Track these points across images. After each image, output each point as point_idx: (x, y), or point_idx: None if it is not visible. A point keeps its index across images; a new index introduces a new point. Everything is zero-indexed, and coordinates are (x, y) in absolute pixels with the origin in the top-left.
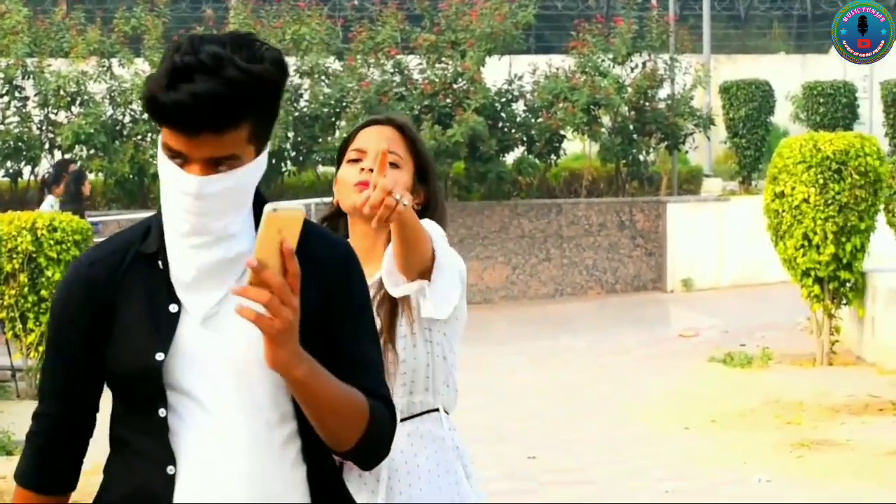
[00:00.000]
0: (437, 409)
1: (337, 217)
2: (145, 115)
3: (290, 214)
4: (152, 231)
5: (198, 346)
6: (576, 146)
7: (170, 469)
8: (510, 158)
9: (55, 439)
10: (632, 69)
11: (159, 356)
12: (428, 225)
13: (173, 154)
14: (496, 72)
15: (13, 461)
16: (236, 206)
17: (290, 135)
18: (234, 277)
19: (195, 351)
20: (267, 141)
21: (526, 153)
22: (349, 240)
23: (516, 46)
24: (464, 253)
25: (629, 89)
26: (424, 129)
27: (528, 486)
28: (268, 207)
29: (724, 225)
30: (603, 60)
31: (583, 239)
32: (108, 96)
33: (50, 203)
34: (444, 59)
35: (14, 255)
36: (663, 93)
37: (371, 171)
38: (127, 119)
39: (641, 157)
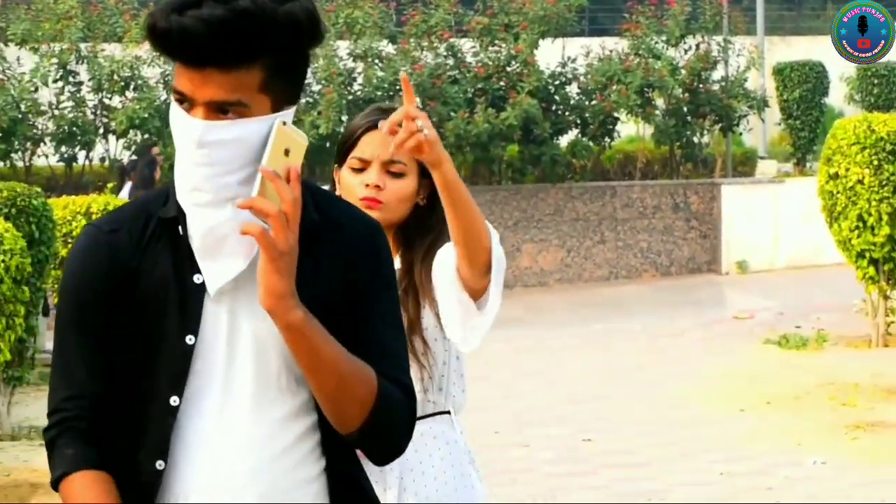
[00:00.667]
0: (448, 412)
1: None
2: None
3: (298, 136)
4: (171, 195)
5: (220, 325)
6: (630, 128)
7: (159, 464)
8: (564, 141)
9: (100, 420)
10: (685, 51)
11: (189, 339)
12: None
13: (180, 98)
14: (549, 54)
15: None
16: (245, 162)
17: (344, 118)
18: (253, 249)
19: (217, 330)
20: (287, 102)
21: (580, 136)
22: None
23: (569, 29)
24: (519, 236)
25: (683, 71)
26: (478, 112)
27: (583, 468)
28: (279, 120)
29: (779, 207)
30: (656, 42)
31: (637, 221)
32: (161, 80)
33: (129, 190)
34: (497, 42)
35: (69, 240)
36: (717, 75)
37: (377, 187)
38: None
39: (695, 140)
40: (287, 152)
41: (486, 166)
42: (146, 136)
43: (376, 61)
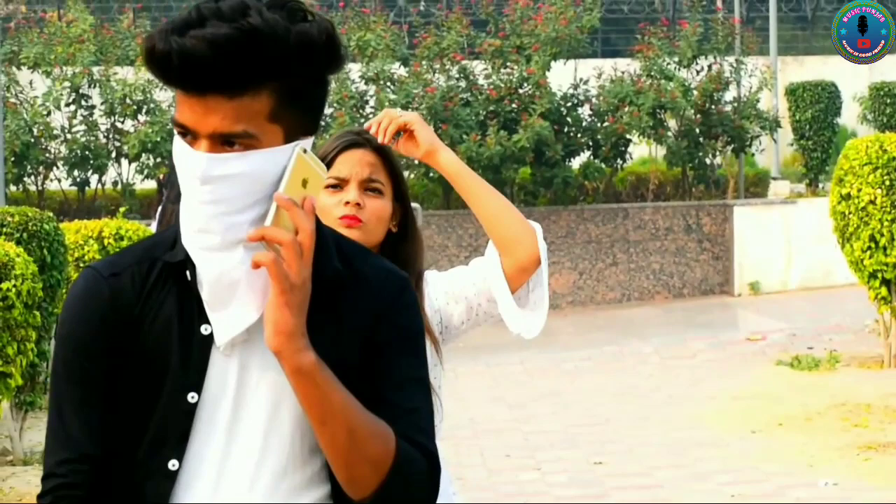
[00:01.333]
0: None
1: None
2: None
3: (318, 168)
4: (179, 237)
5: (228, 382)
6: (642, 150)
7: None
8: (576, 163)
9: (97, 487)
10: (697, 72)
11: (192, 397)
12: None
13: (183, 130)
14: (561, 76)
15: None
16: (255, 199)
17: None
18: (266, 299)
19: (224, 387)
20: (303, 132)
21: (592, 158)
22: None
23: (581, 50)
24: None
25: (695, 92)
26: (490, 134)
27: (595, 491)
28: (300, 147)
29: (791, 228)
30: (668, 64)
31: (649, 243)
32: (173, 104)
33: (163, 203)
34: (509, 63)
35: (81, 264)
36: (729, 95)
37: (357, 205)
38: None
39: (708, 161)
40: (305, 183)
41: (498, 189)
42: (158, 159)
43: (388, 84)
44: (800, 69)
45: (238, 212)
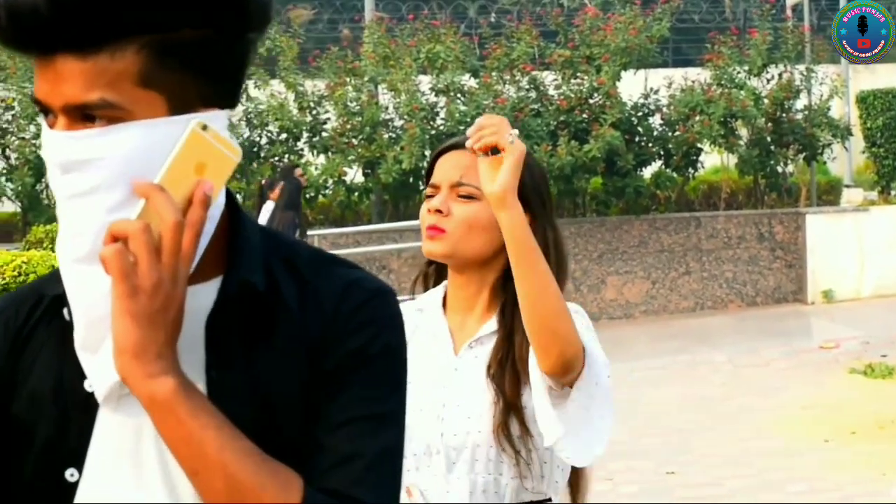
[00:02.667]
0: (548, 499)
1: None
2: (282, 137)
3: (223, 148)
4: None
5: (121, 450)
6: (714, 159)
7: None
8: (648, 172)
9: None
10: (768, 80)
11: (71, 475)
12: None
13: (41, 108)
14: (632, 86)
15: None
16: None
17: (427, 153)
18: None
19: (116, 457)
20: (202, 103)
21: (663, 167)
22: (447, 288)
23: (651, 60)
24: (603, 268)
25: (765, 101)
26: (561, 144)
27: (665, 500)
28: (195, 122)
29: (864, 235)
30: (738, 72)
31: (722, 252)
32: (244, 118)
33: (269, 209)
34: (579, 74)
35: None
36: (800, 104)
37: (439, 211)
38: (264, 140)
39: (779, 169)
40: (202, 168)
41: (570, 199)
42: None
43: (458, 95)
44: (871, 77)
45: (112, 208)
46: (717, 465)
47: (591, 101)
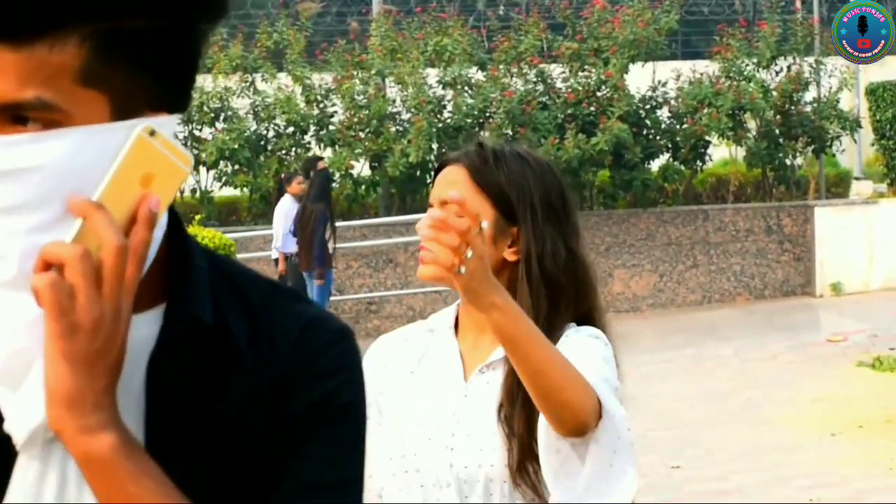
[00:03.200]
0: None
1: None
2: (289, 130)
3: (173, 157)
4: None
5: (42, 497)
6: (722, 151)
7: None
8: (655, 165)
9: None
10: (776, 73)
11: None
12: (588, 349)
13: None
14: (640, 78)
15: None
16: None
17: (434, 146)
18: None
19: None
20: (149, 106)
21: (671, 160)
22: (459, 306)
23: (659, 53)
24: (611, 261)
25: (774, 93)
26: (568, 137)
27: (673, 495)
28: (142, 127)
29: (873, 228)
30: (747, 65)
31: (730, 245)
32: (251, 111)
33: (287, 203)
34: (586, 66)
35: None
36: (809, 96)
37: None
38: (271, 134)
39: (788, 162)
40: (148, 180)
41: (578, 192)
42: (236, 166)
43: (466, 88)
44: (881, 69)
45: (43, 227)
46: (723, 459)
47: (598, 94)
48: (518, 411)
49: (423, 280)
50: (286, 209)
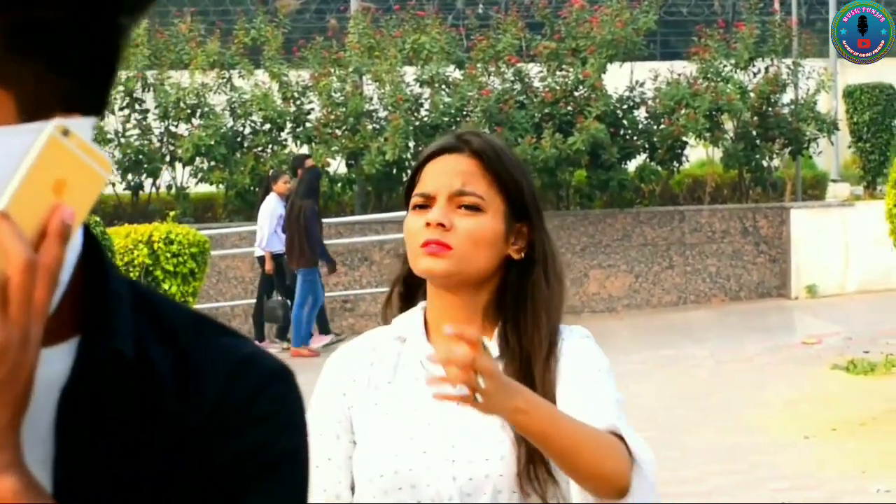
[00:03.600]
0: None
1: (412, 278)
2: (265, 127)
3: (89, 159)
4: None
5: None
6: (699, 153)
7: None
8: (632, 166)
9: None
10: (754, 74)
11: None
12: (589, 361)
13: None
14: (617, 78)
15: None
16: None
17: (411, 144)
18: None
19: None
20: (64, 105)
21: (648, 160)
22: (426, 310)
23: (637, 53)
24: (586, 261)
25: (752, 95)
26: (545, 137)
27: None
28: (54, 125)
29: (849, 230)
30: (725, 66)
31: (706, 246)
32: (228, 108)
33: (272, 202)
34: (564, 66)
35: (130, 269)
36: (787, 98)
37: (441, 225)
38: (247, 130)
39: (765, 163)
40: (61, 187)
41: (554, 192)
42: (212, 162)
43: (443, 87)
44: (858, 71)
45: None
46: (697, 461)
47: (576, 94)
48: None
49: (426, 275)
50: (271, 208)
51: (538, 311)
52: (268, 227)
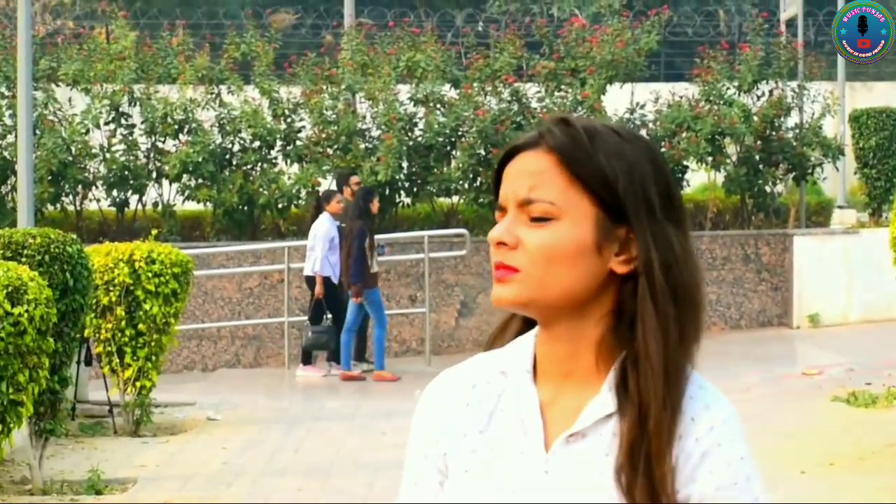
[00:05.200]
0: None
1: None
2: (255, 144)
3: None
4: None
5: None
6: (700, 177)
7: None
8: None
9: None
10: (758, 97)
11: None
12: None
13: None
14: (617, 100)
15: (101, 500)
16: None
17: (405, 164)
18: None
19: None
20: None
21: None
22: (536, 343)
23: (638, 74)
24: None
25: (755, 118)
26: None
27: None
28: None
29: (852, 258)
30: (728, 88)
31: (707, 273)
32: (216, 124)
33: (325, 224)
34: (563, 87)
35: (111, 288)
36: (791, 122)
37: (501, 244)
38: (236, 147)
39: (768, 189)
40: None
41: None
42: (199, 180)
43: (438, 106)
44: (868, 95)
45: None
46: None
47: (575, 115)
48: (641, 480)
49: (497, 306)
50: (325, 229)
51: (648, 344)
52: (320, 249)
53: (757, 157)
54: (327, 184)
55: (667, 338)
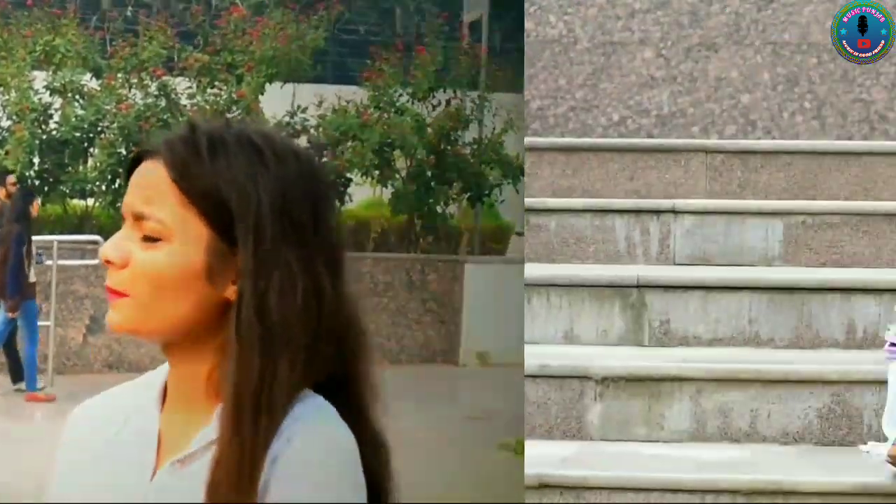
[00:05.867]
0: None
1: None
2: None
3: None
4: None
5: None
6: (365, 191)
7: None
8: None
9: None
10: (433, 107)
11: None
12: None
13: None
14: (278, 101)
15: None
16: None
17: (36, 160)
18: None
19: None
20: None
21: None
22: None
23: (304, 73)
24: None
25: (429, 130)
26: None
27: None
28: None
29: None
30: (401, 95)
31: (366, 300)
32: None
33: None
34: (217, 83)
35: None
36: (470, 136)
37: (108, 262)
38: None
39: (439, 209)
40: None
41: None
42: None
43: (77, 97)
44: None
45: None
46: None
47: (229, 115)
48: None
49: (113, 331)
50: None
51: (223, 377)
52: None
53: (429, 174)
54: None
55: (245, 372)
